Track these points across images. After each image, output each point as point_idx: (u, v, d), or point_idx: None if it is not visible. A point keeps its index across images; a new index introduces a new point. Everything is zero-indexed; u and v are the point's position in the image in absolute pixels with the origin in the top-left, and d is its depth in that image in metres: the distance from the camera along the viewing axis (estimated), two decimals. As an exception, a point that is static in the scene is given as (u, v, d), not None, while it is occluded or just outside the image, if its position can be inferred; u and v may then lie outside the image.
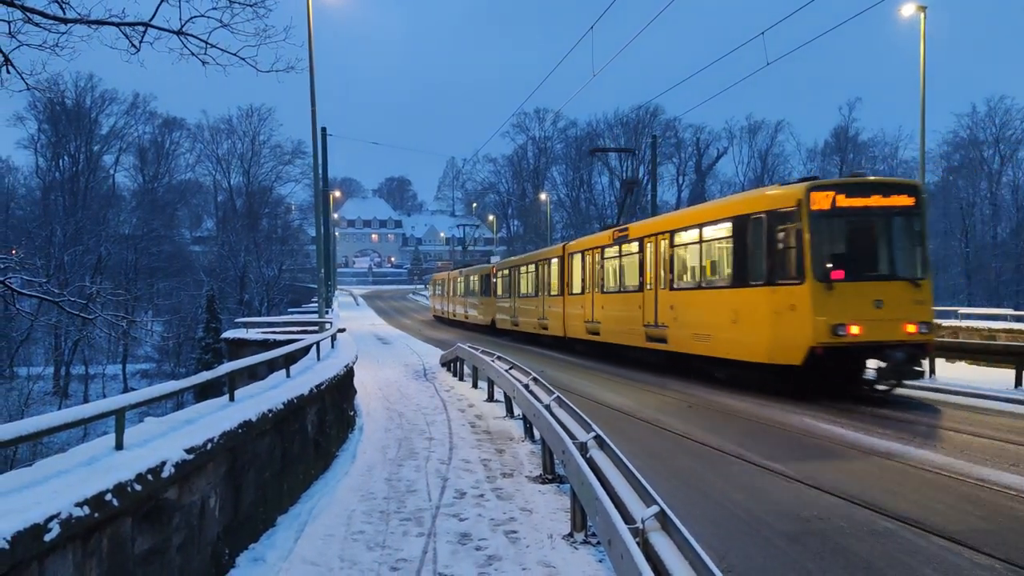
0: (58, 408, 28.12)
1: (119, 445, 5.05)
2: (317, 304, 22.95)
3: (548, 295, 25.23)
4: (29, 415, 22.17)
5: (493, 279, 33.97)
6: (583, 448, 6.58)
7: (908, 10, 21.46)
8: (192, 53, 10.27)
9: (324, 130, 33.70)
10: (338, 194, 67.50)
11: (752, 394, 13.45)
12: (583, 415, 7.89)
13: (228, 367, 7.53)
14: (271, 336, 20.69)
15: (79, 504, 3.99)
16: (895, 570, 5.51)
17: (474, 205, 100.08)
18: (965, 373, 15.48)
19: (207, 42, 10.20)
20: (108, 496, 4.24)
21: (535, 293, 26.93)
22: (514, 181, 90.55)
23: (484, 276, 35.29)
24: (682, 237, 16.03)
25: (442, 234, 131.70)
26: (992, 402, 12.26)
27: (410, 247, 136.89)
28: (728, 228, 14.00)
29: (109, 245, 54.76)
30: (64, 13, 9.67)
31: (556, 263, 24.50)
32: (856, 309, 11.77)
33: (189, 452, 5.21)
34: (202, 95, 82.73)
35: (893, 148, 75.52)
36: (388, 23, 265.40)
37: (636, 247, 18.18)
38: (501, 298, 32.19)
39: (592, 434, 6.89)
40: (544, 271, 25.95)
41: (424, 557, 6.12)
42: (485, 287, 35.09)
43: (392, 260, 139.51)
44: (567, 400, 9.03)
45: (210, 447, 5.56)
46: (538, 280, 26.64)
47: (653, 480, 5.90)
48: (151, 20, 9.99)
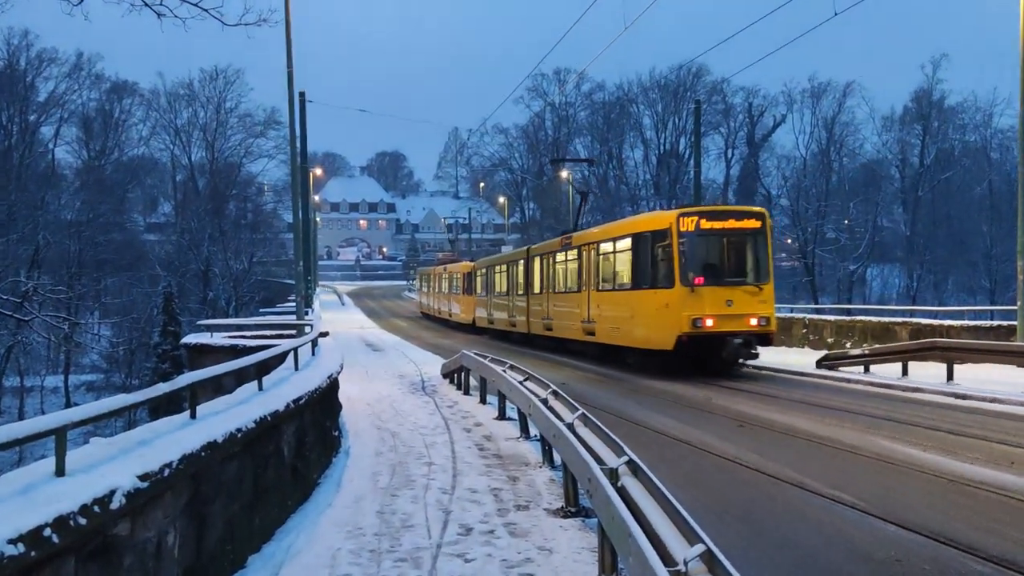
0: (-11, 427, 28.31)
1: (60, 471, 5.08)
2: (295, 303, 23.08)
3: (516, 294, 31.95)
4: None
5: (473, 277, 40.42)
6: (613, 475, 6.56)
7: (1005, -52, 21.33)
8: (145, 3, 10.31)
9: (303, 95, 33.74)
10: (319, 172, 67.59)
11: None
12: (614, 436, 7.88)
13: (189, 378, 7.57)
14: (240, 341, 20.81)
15: (12, 541, 4.01)
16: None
17: (481, 185, 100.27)
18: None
19: (163, -11, 10.23)
20: (47, 531, 4.26)
21: (507, 292, 33.43)
22: (529, 156, 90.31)
23: (466, 274, 41.59)
24: (604, 247, 22.38)
25: (443, 219, 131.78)
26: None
27: (405, 235, 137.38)
28: (629, 242, 20.72)
29: (48, 233, 55.12)
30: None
31: (522, 264, 31.11)
32: (712, 307, 18.53)
33: (143, 479, 5.22)
34: (158, 56, 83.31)
35: (986, 115, 74.98)
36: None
37: (576, 253, 24.63)
38: (480, 296, 38.59)
39: (624, 459, 6.88)
40: (514, 271, 32.38)
41: (423, 605, 6.14)
42: (467, 285, 41.32)
43: (384, 251, 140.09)
44: (594, 418, 9.02)
45: (168, 473, 5.58)
46: (509, 280, 33.13)
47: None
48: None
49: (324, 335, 20.26)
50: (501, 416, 14.68)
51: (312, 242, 50.01)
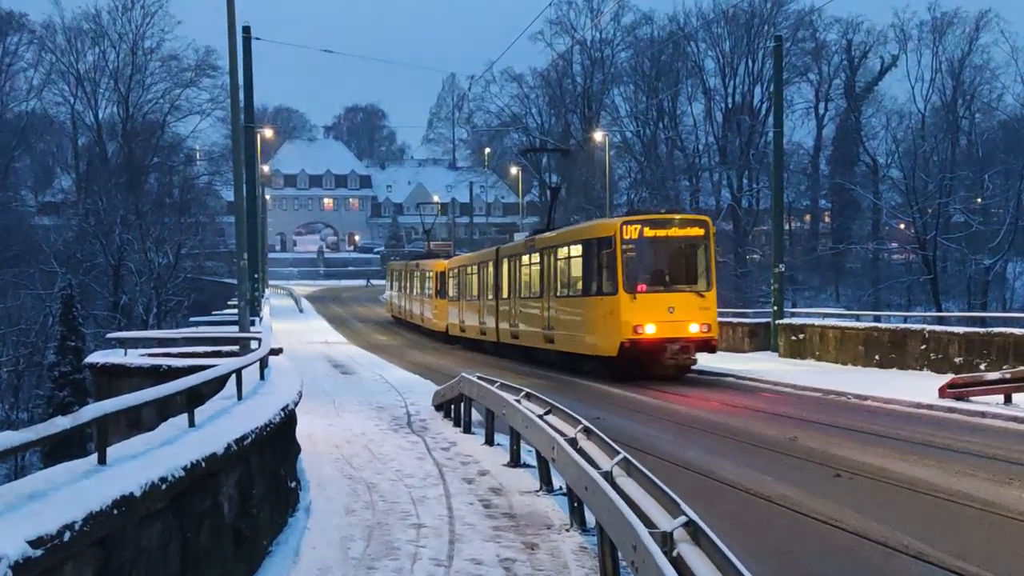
0: None
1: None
2: (237, 310, 23.13)
3: (487, 299, 36.84)
4: None
5: (446, 278, 45.21)
6: (667, 541, 6.54)
7: None
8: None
9: (247, 30, 33.81)
10: (270, 133, 67.58)
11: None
12: (665, 488, 7.85)
13: (96, 410, 7.58)
14: (164, 361, 20.89)
15: None
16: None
17: (487, 151, 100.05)
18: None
19: None
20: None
21: (478, 297, 38.39)
22: (551, 111, 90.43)
23: (439, 274, 46.45)
24: (561, 252, 28.31)
25: (436, 197, 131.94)
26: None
27: (385, 218, 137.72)
28: (580, 249, 26.40)
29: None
30: None
31: (492, 266, 36.12)
32: (654, 314, 23.75)
33: (36, 545, 5.23)
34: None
35: None
36: None
37: (539, 257, 30.27)
38: (452, 300, 44.01)
39: (681, 519, 6.85)
40: (484, 274, 37.35)
41: None
42: (440, 287, 46.25)
43: (356, 239, 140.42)
44: (637, 463, 9.00)
45: (69, 537, 5.59)
46: (480, 283, 38.08)
47: None
48: None
49: (277, 352, 20.23)
50: (514, 462, 14.63)
51: (260, 228, 50.20)
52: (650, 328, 23.86)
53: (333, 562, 9.63)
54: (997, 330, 26.00)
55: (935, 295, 64.70)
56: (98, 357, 24.22)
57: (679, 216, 26.27)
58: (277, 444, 11.60)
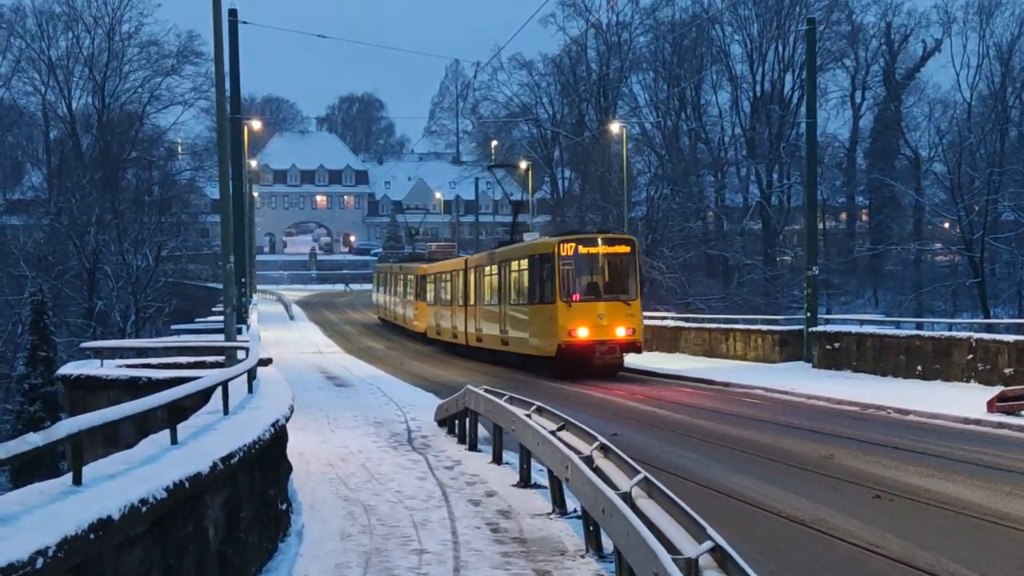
0: None
1: None
2: (223, 317, 23.15)
3: (455, 304, 43.53)
4: None
5: (426, 282, 50.66)
6: (691, 569, 6.53)
7: None
8: None
9: (234, 13, 33.93)
10: (258, 125, 67.60)
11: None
12: (690, 511, 7.84)
13: (71, 426, 7.59)
14: (143, 372, 20.89)
15: None
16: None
17: (494, 144, 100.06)
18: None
19: None
20: None
21: (450, 301, 44.75)
22: (563, 101, 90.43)
23: (420, 277, 52.29)
24: (513, 265, 34.22)
25: (438, 195, 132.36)
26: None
27: (383, 216, 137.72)
28: (527, 263, 32.19)
29: None
30: None
31: (462, 275, 42.52)
32: (586, 320, 29.48)
33: (6, 572, 5.24)
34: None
35: None
36: None
37: (497, 268, 36.45)
38: (431, 304, 49.62)
39: (707, 545, 6.85)
40: (456, 281, 43.57)
41: None
42: (420, 290, 51.92)
43: (352, 240, 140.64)
44: (659, 483, 8.98)
45: (41, 564, 5.60)
46: (452, 289, 44.60)
47: None
48: None
49: (266, 363, 20.24)
50: (525, 482, 14.64)
51: (248, 228, 50.31)
52: (583, 332, 29.87)
53: (328, 591, 9.64)
54: (1051, 338, 25.95)
55: (983, 300, 64.43)
56: (71, 368, 24.21)
57: (609, 236, 32.42)
58: (267, 463, 11.61)
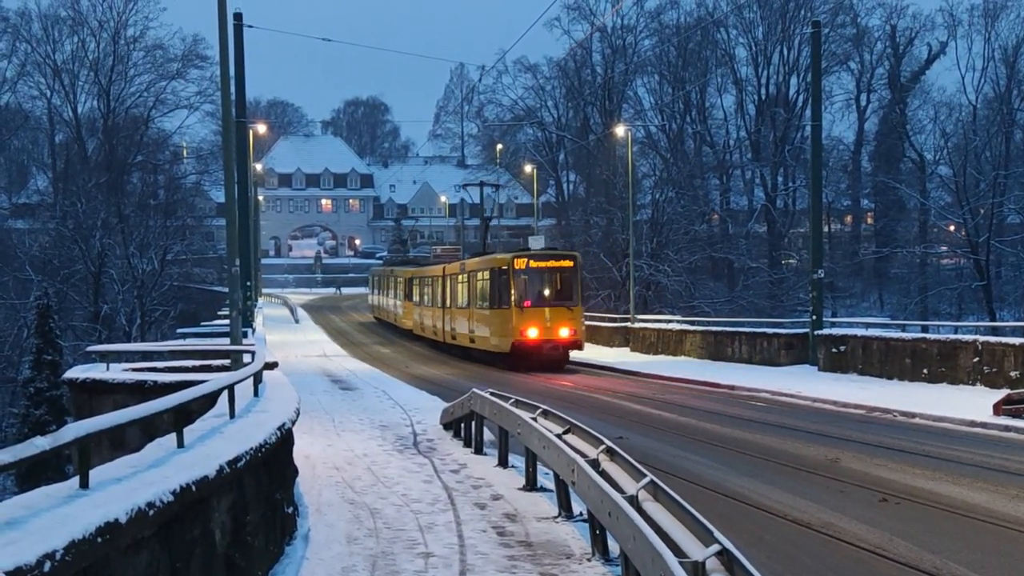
0: None
1: None
2: (228, 320, 23.16)
3: (436, 306, 48.94)
4: None
5: (412, 284, 56.62)
6: (698, 572, 6.51)
7: None
8: None
9: (239, 17, 33.95)
10: (263, 129, 67.86)
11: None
12: (696, 514, 7.83)
13: (77, 430, 7.59)
14: (149, 376, 20.87)
15: None
16: None
17: (499, 147, 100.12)
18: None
19: None
20: None
21: (431, 303, 50.53)
22: (568, 104, 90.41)
23: (407, 279, 58.26)
24: (477, 275, 39.73)
25: (443, 198, 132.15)
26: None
27: (388, 219, 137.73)
28: (488, 274, 37.74)
29: None
30: None
31: (440, 280, 48.05)
32: (536, 322, 35.79)
33: (14, 576, 5.24)
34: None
35: None
36: None
37: (467, 277, 42.13)
38: (416, 304, 55.36)
39: (714, 548, 6.83)
40: (435, 285, 49.22)
41: None
42: (408, 291, 57.77)
43: (357, 243, 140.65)
44: (666, 487, 8.97)
45: (49, 568, 5.59)
46: (432, 292, 50.32)
47: None
48: None
49: (271, 367, 20.22)
50: (531, 485, 14.62)
51: (253, 231, 50.32)
52: (532, 332, 35.77)
53: (334, 595, 9.63)
54: (1057, 341, 25.85)
55: (988, 303, 64.43)
56: (77, 372, 24.20)
57: (555, 252, 39.34)
58: (273, 466, 11.60)
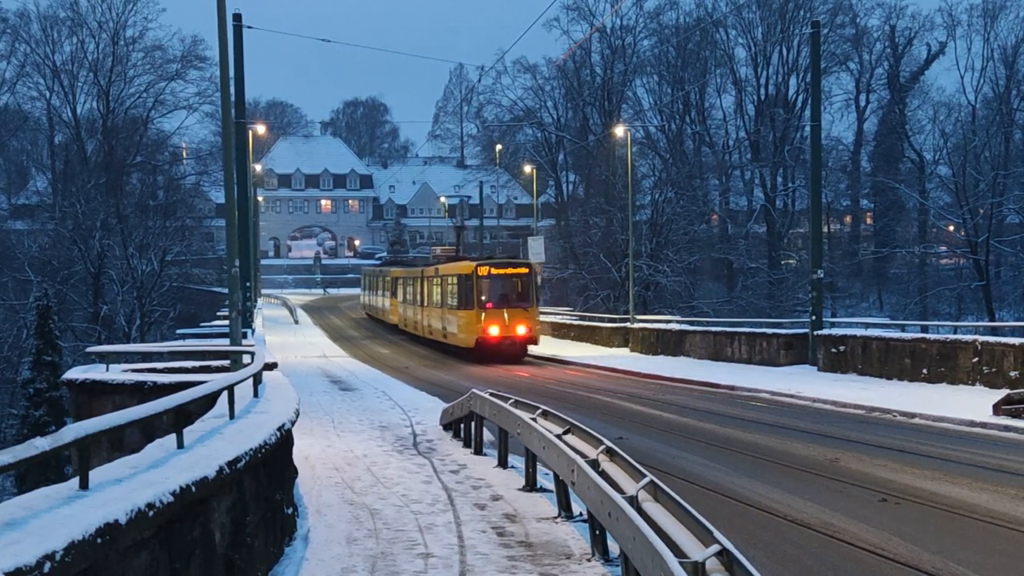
0: None
1: None
2: (228, 321, 23.16)
3: (415, 304, 54.30)
4: None
5: (397, 284, 61.26)
6: (698, 572, 6.51)
7: None
8: None
9: (238, 17, 33.96)
10: (263, 130, 67.71)
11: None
12: (697, 514, 7.83)
13: (77, 430, 7.58)
14: (149, 377, 20.86)
15: None
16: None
17: (498, 148, 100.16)
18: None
19: None
20: None
21: (412, 302, 55.52)
22: (568, 104, 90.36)
23: (393, 279, 63.08)
24: (447, 279, 45.58)
25: (443, 199, 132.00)
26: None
27: (388, 220, 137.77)
28: (456, 279, 43.89)
29: None
30: None
31: (418, 281, 53.22)
32: (496, 321, 41.18)
33: (13, 577, 5.23)
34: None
35: None
36: None
37: (440, 280, 47.11)
38: (400, 302, 60.10)
39: (714, 548, 6.84)
40: (415, 285, 54.18)
41: None
42: (393, 289, 62.15)
43: (356, 244, 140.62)
44: (666, 487, 8.97)
45: (49, 568, 5.58)
46: (412, 291, 55.46)
47: None
48: None
49: (271, 367, 20.23)
50: (531, 486, 14.63)
51: (253, 232, 50.32)
52: (493, 330, 40.57)
53: (334, 595, 9.63)
54: (1057, 341, 25.84)
55: (988, 303, 64.44)
56: (77, 373, 24.20)
57: (512, 261, 45.81)
58: (273, 467, 11.60)
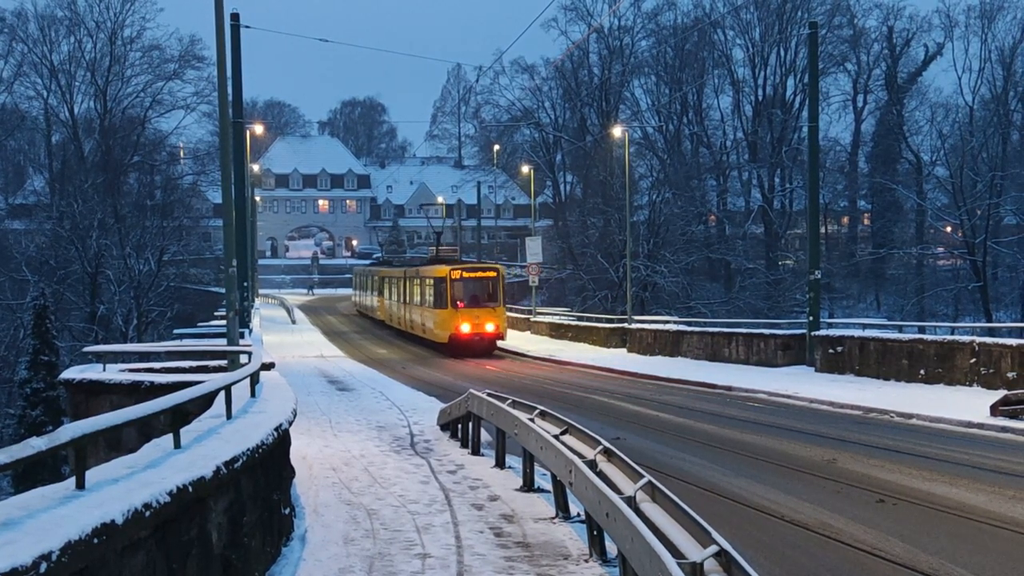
0: None
1: None
2: (225, 321, 23.15)
3: (398, 301, 58.56)
4: None
5: (384, 283, 64.76)
6: (696, 573, 6.51)
7: None
8: None
9: (236, 17, 33.97)
10: (260, 130, 67.65)
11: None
12: (695, 515, 7.82)
13: (74, 430, 7.57)
14: (146, 377, 20.85)
15: None
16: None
17: (496, 148, 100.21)
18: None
19: None
20: None
21: (396, 299, 59.85)
22: (565, 105, 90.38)
23: (381, 278, 66.52)
24: (426, 280, 50.79)
25: (440, 199, 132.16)
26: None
27: (385, 220, 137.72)
28: (433, 281, 49.39)
29: None
30: None
31: (402, 281, 57.57)
32: (468, 319, 46.47)
33: (9, 577, 5.22)
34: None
35: None
36: None
37: (420, 281, 52.01)
38: (387, 299, 63.99)
39: (712, 549, 6.83)
40: (399, 284, 58.60)
41: None
42: (380, 288, 65.88)
43: (354, 244, 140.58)
44: (664, 488, 8.96)
45: (45, 569, 5.58)
46: (396, 290, 59.84)
47: None
48: None
49: (268, 367, 20.21)
50: (528, 486, 14.64)
51: (250, 232, 50.31)
52: (465, 328, 45.12)
53: (331, 595, 9.62)
54: (1054, 342, 25.84)
55: (985, 304, 64.48)
56: (74, 373, 24.19)
57: (482, 265, 52.88)
58: (270, 467, 11.60)
